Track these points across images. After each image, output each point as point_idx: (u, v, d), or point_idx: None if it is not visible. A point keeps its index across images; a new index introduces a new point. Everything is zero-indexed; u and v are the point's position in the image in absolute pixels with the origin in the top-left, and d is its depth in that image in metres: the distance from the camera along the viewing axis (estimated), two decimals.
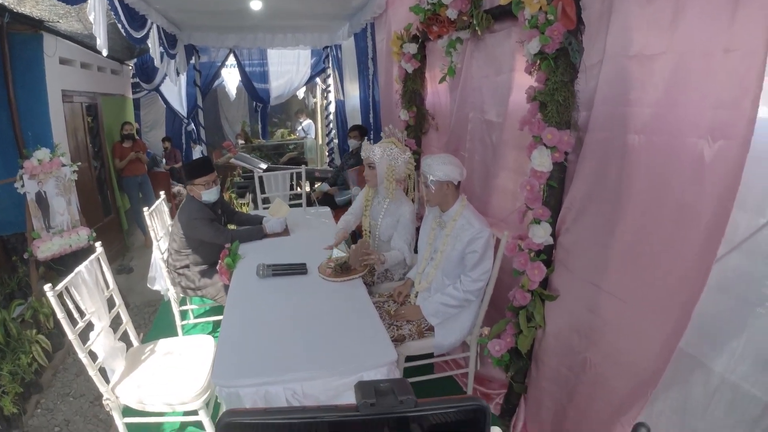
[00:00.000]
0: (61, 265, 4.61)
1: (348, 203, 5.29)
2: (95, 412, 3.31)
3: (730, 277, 1.65)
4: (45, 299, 4.01)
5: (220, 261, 3.34)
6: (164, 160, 8.34)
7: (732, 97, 1.51)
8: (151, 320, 4.61)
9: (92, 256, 2.64)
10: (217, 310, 4.36)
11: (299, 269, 3.04)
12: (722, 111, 1.55)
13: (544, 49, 2.19)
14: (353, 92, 7.42)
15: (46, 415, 3.29)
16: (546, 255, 2.48)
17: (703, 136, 1.61)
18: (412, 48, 3.99)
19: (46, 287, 2.22)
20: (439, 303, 2.77)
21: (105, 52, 3.45)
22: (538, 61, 2.28)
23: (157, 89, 8.57)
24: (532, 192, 2.38)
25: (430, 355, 2.99)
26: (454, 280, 2.78)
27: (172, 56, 6.68)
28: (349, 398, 2.04)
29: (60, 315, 2.24)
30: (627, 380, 2.00)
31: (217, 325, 4.28)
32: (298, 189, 5.51)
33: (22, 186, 4.10)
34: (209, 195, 3.56)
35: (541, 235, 2.40)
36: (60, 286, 2.29)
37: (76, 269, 2.44)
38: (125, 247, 6.62)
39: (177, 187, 7.95)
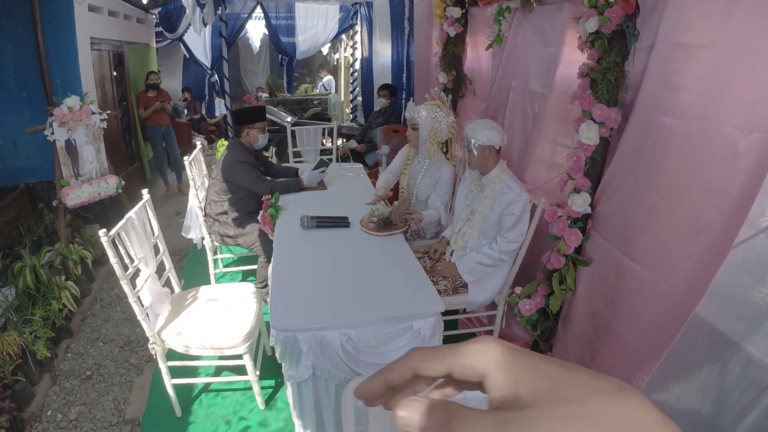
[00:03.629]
0: (88, 213, 4.71)
1: (377, 163, 5.37)
2: (126, 357, 3.42)
3: (751, 258, 1.77)
4: (73, 246, 4.11)
5: (262, 211, 3.43)
6: (185, 111, 8.36)
7: None
8: (178, 269, 4.66)
9: (140, 203, 2.73)
10: (245, 260, 4.51)
11: (342, 222, 3.15)
12: (760, 106, 1.63)
13: (601, 30, 2.26)
14: (384, 51, 7.37)
15: (77, 359, 3.41)
16: (582, 223, 2.61)
17: (739, 126, 1.69)
18: (455, 12, 4.02)
19: (101, 232, 2.27)
20: (474, 261, 2.91)
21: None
22: (592, 39, 2.36)
23: (180, 39, 8.49)
24: (578, 163, 2.49)
25: (455, 312, 3.14)
26: (490, 241, 2.92)
27: (202, 6, 6.65)
28: (397, 345, 2.20)
29: (113, 260, 2.31)
30: (645, 342, 2.14)
31: (246, 274, 4.43)
32: (328, 144, 5.56)
33: (52, 133, 4.09)
34: (264, 139, 3.73)
35: (580, 204, 2.52)
36: (113, 231, 2.34)
37: (126, 215, 2.50)
38: None
39: (198, 138, 7.99)
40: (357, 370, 2.20)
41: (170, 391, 2.80)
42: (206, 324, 2.72)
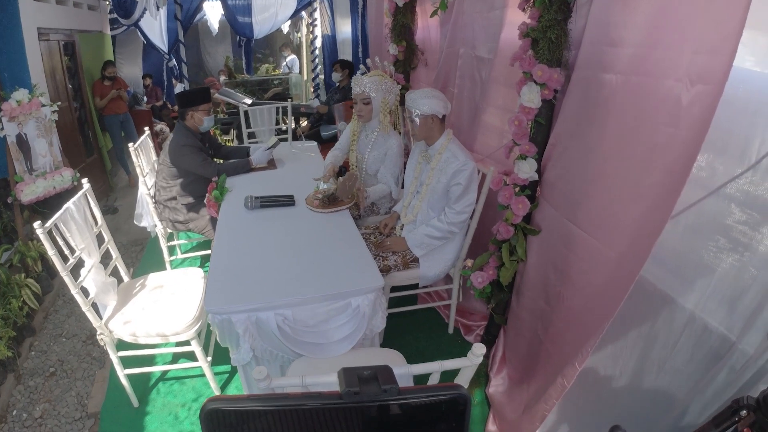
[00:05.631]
0: (46, 207, 4.51)
1: (334, 138, 5.28)
2: (88, 351, 3.37)
3: (704, 221, 1.69)
4: (32, 243, 4.02)
5: (207, 194, 3.36)
6: (145, 98, 8.16)
7: (712, 43, 1.49)
8: (138, 258, 4.66)
9: (79, 193, 2.65)
10: (204, 245, 4.45)
11: (287, 200, 3.08)
12: (701, 56, 1.53)
13: None
14: (344, 27, 7.28)
15: (41, 356, 3.35)
16: (530, 190, 2.52)
17: (681, 79, 1.59)
18: None
19: (36, 224, 2.23)
20: (423, 234, 2.84)
21: None
22: None
23: (136, 24, 8.18)
24: (520, 127, 2.40)
25: (415, 286, 3.08)
26: (439, 213, 2.84)
27: None
28: (337, 323, 2.13)
29: (51, 252, 2.27)
30: (593, 312, 2.05)
31: (205, 259, 4.36)
32: (284, 125, 5.44)
33: (1, 129, 3.94)
34: (209, 121, 3.61)
35: (526, 170, 2.44)
36: (49, 223, 2.29)
37: (65, 206, 2.43)
38: (109, 188, 6.55)
39: (159, 125, 7.83)
40: (297, 351, 2.14)
41: (124, 381, 2.75)
42: (152, 312, 2.67)
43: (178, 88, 8.79)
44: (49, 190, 4.33)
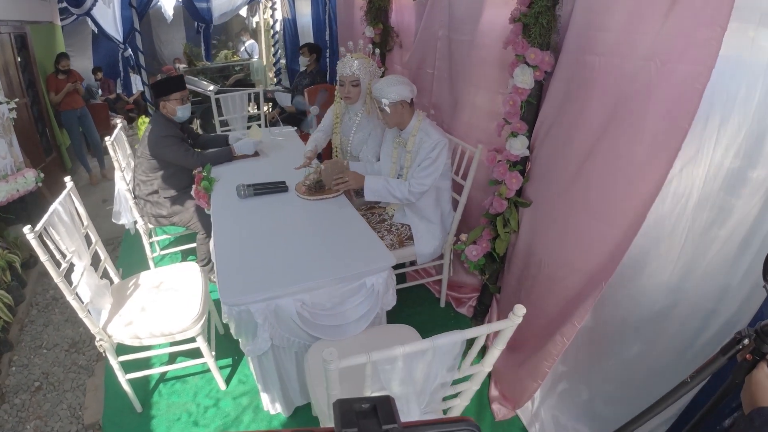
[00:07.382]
0: (9, 213, 4.35)
1: (303, 112, 5.27)
2: (73, 360, 3.25)
3: (680, 197, 1.81)
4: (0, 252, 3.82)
5: (195, 185, 3.31)
6: (100, 91, 7.95)
7: (694, 26, 1.57)
8: (114, 258, 4.46)
9: (64, 192, 2.52)
10: (183, 239, 4.35)
11: (280, 187, 3.08)
12: (680, 38, 1.62)
13: None
14: (304, 9, 7.20)
15: (22, 371, 3.19)
16: (522, 166, 2.64)
17: (651, 58, 1.71)
18: None
19: (25, 229, 2.10)
20: (385, 185, 2.85)
21: None
22: None
23: (88, 14, 7.82)
24: (514, 107, 2.51)
25: (403, 265, 3.19)
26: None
27: None
28: (352, 303, 2.18)
29: (43, 258, 2.15)
30: (578, 281, 2.18)
31: (186, 254, 4.26)
32: (253, 110, 5.39)
33: None
34: (184, 111, 3.49)
35: (518, 147, 2.55)
36: (39, 226, 2.17)
37: (51, 207, 2.31)
38: None
39: (116, 119, 7.67)
40: (315, 335, 2.20)
41: (126, 387, 2.68)
42: (153, 311, 2.60)
43: (135, 78, 8.57)
44: (12, 193, 4.13)
